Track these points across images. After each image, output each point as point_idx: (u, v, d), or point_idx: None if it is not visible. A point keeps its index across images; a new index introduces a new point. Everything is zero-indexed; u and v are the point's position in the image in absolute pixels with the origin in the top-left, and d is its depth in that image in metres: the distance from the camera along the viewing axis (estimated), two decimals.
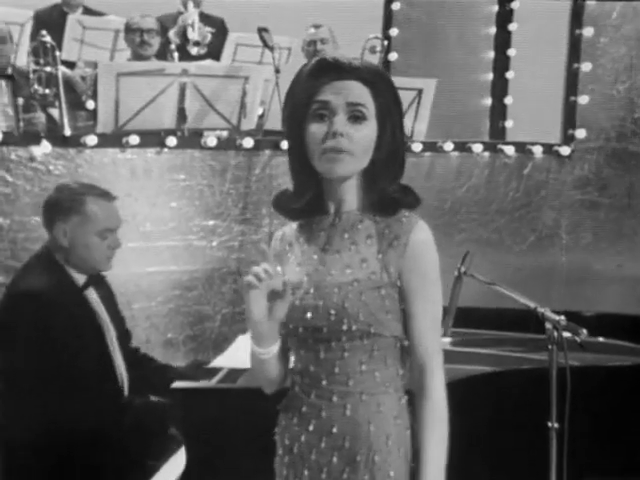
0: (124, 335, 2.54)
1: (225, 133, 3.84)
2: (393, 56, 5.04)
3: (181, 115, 3.48)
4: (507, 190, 3.97)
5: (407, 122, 3.70)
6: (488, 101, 5.00)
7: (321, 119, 1.45)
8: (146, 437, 2.23)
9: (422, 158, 3.79)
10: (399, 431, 1.46)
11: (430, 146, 3.82)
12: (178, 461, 2.07)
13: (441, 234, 3.65)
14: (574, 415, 1.80)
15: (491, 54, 5.05)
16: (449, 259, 3.18)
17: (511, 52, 4.99)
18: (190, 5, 5.04)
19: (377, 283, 1.46)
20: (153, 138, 3.41)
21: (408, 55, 5.06)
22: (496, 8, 5.05)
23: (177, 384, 2.13)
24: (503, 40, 4.99)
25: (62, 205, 2.33)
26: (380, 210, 1.49)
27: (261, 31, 3.64)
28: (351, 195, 1.50)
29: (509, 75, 4.96)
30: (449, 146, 3.81)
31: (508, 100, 4.93)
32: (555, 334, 1.81)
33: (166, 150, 3.38)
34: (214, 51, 4.94)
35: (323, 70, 1.46)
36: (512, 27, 5.02)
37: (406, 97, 3.64)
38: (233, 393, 2.09)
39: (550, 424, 1.81)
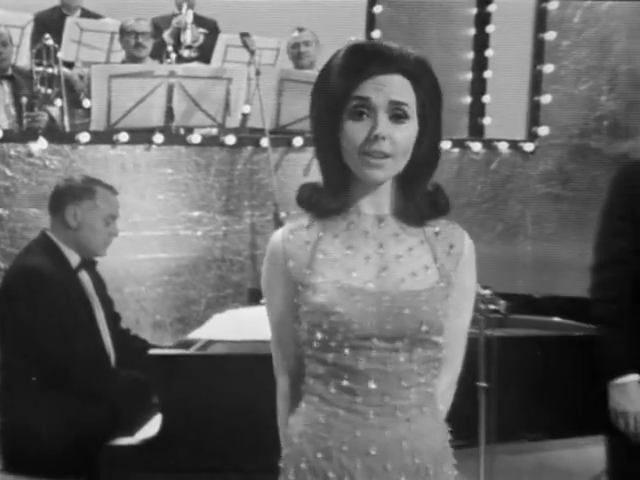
0: (113, 317, 2.81)
1: (215, 130, 4.10)
2: None
3: (169, 114, 3.74)
4: (475, 184, 4.22)
5: None
6: (467, 99, 5.25)
7: (360, 117, 1.33)
8: (130, 404, 2.49)
9: None
10: (448, 438, 1.44)
11: None
12: (153, 424, 2.32)
13: None
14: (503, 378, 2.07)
15: (470, 54, 5.31)
16: None
17: (489, 53, 5.23)
18: (184, 7, 5.31)
19: (444, 291, 1.39)
20: (142, 135, 3.68)
21: None
22: (475, 10, 5.30)
23: (155, 351, 2.38)
24: (481, 41, 5.23)
25: (75, 192, 2.66)
26: (419, 213, 1.41)
27: (243, 36, 3.89)
28: (389, 196, 1.41)
29: (487, 75, 5.20)
30: None
31: (486, 98, 5.18)
32: (482, 306, 2.07)
33: (154, 147, 3.64)
34: (207, 52, 5.20)
35: (361, 61, 1.34)
36: (490, 29, 5.28)
37: None
38: (209, 360, 2.34)
39: (479, 384, 2.09)
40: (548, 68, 4.39)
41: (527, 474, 3.47)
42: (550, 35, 4.38)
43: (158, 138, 3.67)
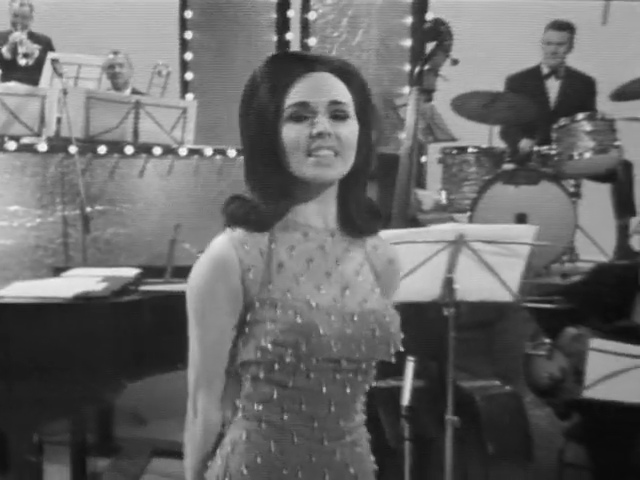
0: None
1: (44, 138, 4.83)
2: (189, 76, 6.16)
3: None
4: None
5: (177, 133, 4.80)
6: None
7: (299, 120, 1.29)
8: None
9: (190, 160, 4.91)
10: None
11: (196, 151, 4.95)
12: None
13: (209, 219, 4.78)
14: None
15: None
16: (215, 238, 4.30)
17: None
18: (19, 25, 6.04)
19: (393, 309, 1.37)
20: None
21: (202, 75, 6.18)
22: (275, 38, 6.25)
23: None
24: None
25: None
26: (363, 226, 1.35)
27: (53, 61, 4.67)
28: (334, 207, 1.34)
29: None
30: (209, 151, 4.95)
31: None
32: None
33: None
34: (41, 65, 5.90)
35: (291, 63, 1.31)
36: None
37: (173, 114, 4.77)
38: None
39: None
40: None
41: None
42: None
43: None
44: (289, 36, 6.15)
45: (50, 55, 5.71)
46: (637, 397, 2.57)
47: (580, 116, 4.45)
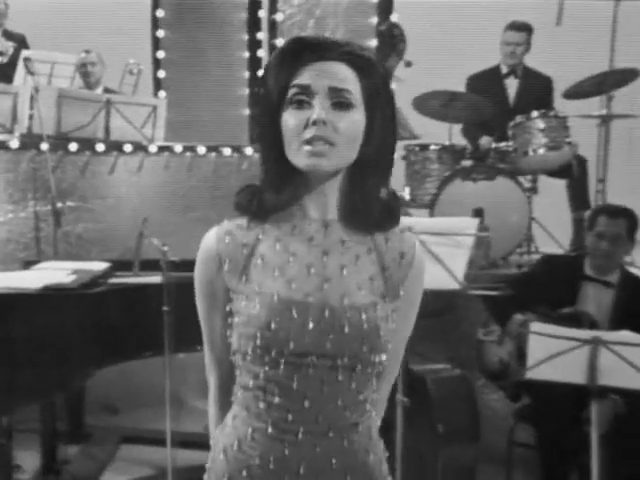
0: None
1: (16, 135, 4.93)
2: (162, 74, 6.27)
3: None
4: (229, 181, 5.28)
5: (148, 130, 4.92)
6: (246, 112, 6.32)
7: (299, 106, 1.27)
8: None
9: (160, 157, 5.03)
10: (384, 452, 1.40)
11: (166, 148, 5.07)
12: None
13: (179, 214, 4.91)
14: None
15: (246, 73, 6.39)
16: (185, 232, 4.42)
17: (260, 72, 6.34)
18: None
19: (390, 304, 1.32)
20: None
21: (174, 73, 6.29)
22: (247, 36, 6.38)
23: None
24: (255, 62, 6.33)
25: None
26: (369, 220, 1.32)
27: (25, 60, 4.77)
28: (336, 198, 1.32)
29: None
30: (179, 148, 5.07)
31: None
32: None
33: None
34: (15, 63, 5.99)
35: (300, 50, 1.28)
36: (260, 53, 6.40)
37: (143, 112, 4.88)
38: None
39: None
40: None
41: None
42: None
43: None
44: (260, 36, 6.30)
45: (24, 53, 5.85)
46: (575, 377, 2.73)
47: (534, 114, 4.62)
